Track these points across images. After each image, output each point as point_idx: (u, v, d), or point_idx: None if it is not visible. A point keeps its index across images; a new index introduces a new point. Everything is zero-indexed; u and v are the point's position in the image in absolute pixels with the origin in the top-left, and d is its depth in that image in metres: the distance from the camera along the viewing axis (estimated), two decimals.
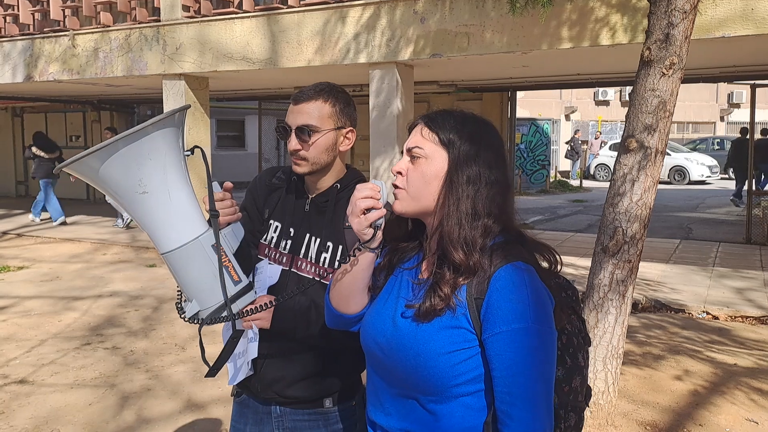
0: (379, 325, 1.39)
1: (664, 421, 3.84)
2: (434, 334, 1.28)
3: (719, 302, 6.28)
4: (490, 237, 1.32)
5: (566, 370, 1.36)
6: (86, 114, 15.93)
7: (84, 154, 1.28)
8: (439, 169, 1.33)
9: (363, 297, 1.49)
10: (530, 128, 18.39)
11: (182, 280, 1.45)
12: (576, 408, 1.38)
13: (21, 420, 3.83)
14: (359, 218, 1.36)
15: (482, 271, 1.28)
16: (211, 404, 4.07)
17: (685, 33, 3.33)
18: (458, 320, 1.28)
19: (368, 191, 1.36)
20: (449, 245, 1.30)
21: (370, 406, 1.45)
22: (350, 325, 1.53)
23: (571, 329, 1.40)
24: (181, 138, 1.44)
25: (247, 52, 7.65)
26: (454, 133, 1.34)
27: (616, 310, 3.59)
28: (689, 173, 20.99)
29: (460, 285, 1.29)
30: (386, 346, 1.35)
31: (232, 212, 1.68)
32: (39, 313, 6.23)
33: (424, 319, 1.30)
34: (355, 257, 1.44)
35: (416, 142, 1.36)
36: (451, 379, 1.27)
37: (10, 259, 8.91)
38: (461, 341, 1.27)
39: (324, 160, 1.79)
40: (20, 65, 9.27)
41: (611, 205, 3.56)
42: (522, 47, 6.26)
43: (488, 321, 1.25)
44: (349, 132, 1.83)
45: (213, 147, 14.88)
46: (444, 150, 1.33)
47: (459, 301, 1.29)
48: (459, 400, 1.29)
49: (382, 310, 1.41)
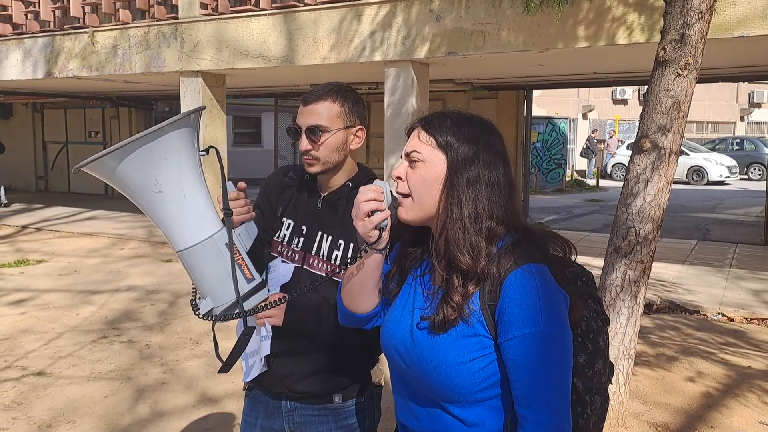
0: (398, 335, 1.39)
1: (676, 423, 3.82)
2: (452, 344, 1.28)
3: (735, 304, 6.23)
4: (496, 240, 1.30)
5: (588, 356, 1.36)
6: (105, 110, 16.09)
7: (102, 154, 1.30)
8: (438, 172, 1.31)
9: (373, 297, 1.50)
10: (547, 127, 18.30)
11: (196, 277, 1.48)
12: (600, 390, 1.39)
13: (38, 411, 3.91)
14: (364, 221, 1.36)
15: (493, 276, 1.27)
16: (224, 398, 4.12)
17: (700, 33, 3.31)
18: (474, 328, 1.28)
19: (371, 193, 1.35)
20: (455, 250, 1.28)
21: (399, 410, 1.46)
22: (362, 324, 1.55)
23: (590, 314, 1.39)
24: (196, 138, 1.46)
25: (263, 49, 7.69)
26: (451, 135, 1.32)
27: (628, 310, 3.58)
28: (708, 173, 20.75)
29: (472, 293, 1.29)
30: (407, 356, 1.36)
31: (246, 211, 1.70)
32: (57, 306, 6.32)
33: (440, 330, 1.29)
34: (362, 259, 1.44)
35: (414, 146, 1.35)
36: (473, 386, 1.28)
37: (30, 252, 9.04)
38: (479, 348, 1.28)
39: (335, 159, 1.81)
40: (41, 61, 9.39)
41: (624, 206, 3.55)
42: (538, 46, 6.24)
43: (502, 326, 1.25)
44: (358, 130, 1.84)
45: (229, 144, 14.98)
46: (442, 153, 1.32)
47: (472, 310, 1.28)
48: (483, 404, 1.30)
49: (400, 319, 1.41)
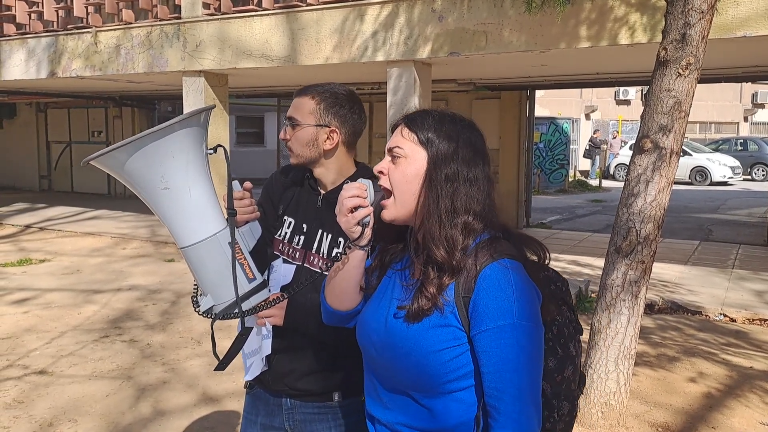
0: (373, 324, 1.43)
1: (677, 423, 3.82)
2: (424, 333, 1.31)
3: (737, 304, 6.22)
4: (473, 235, 1.33)
5: (558, 360, 1.39)
6: (108, 110, 16.11)
7: (112, 148, 1.32)
8: (419, 168, 1.35)
9: (356, 294, 1.52)
10: (549, 127, 18.27)
11: (198, 274, 1.49)
12: (569, 396, 1.41)
13: (40, 410, 3.92)
14: (346, 217, 1.40)
15: (468, 269, 1.30)
16: (225, 397, 4.13)
17: (702, 33, 3.31)
18: (447, 319, 1.31)
19: (355, 190, 1.39)
20: (431, 243, 1.32)
21: (369, 400, 1.49)
22: (345, 322, 1.57)
23: (562, 320, 1.42)
24: (204, 137, 1.47)
25: (266, 49, 7.70)
26: (432, 132, 1.36)
27: (628, 310, 3.58)
28: (711, 174, 20.72)
29: (446, 285, 1.31)
30: (379, 345, 1.39)
31: (251, 211, 1.71)
32: (59, 305, 6.34)
33: (414, 319, 1.32)
34: (346, 255, 1.47)
35: (396, 142, 1.39)
36: (442, 376, 1.31)
37: (33, 252, 9.06)
38: (451, 339, 1.30)
39: (307, 155, 1.84)
40: (44, 61, 9.41)
41: (625, 206, 3.55)
42: (540, 46, 6.23)
43: (475, 318, 1.28)
44: (332, 132, 1.83)
45: (232, 144, 15.01)
46: (423, 149, 1.36)
47: (446, 301, 1.31)
48: (451, 395, 1.32)
49: (377, 310, 1.44)
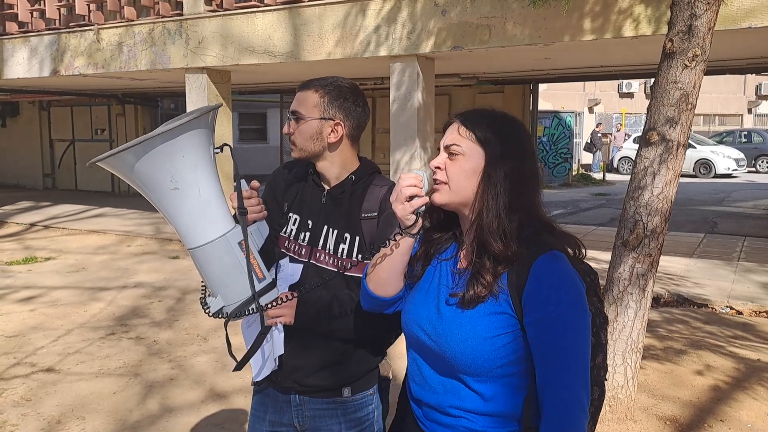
0: (424, 312, 1.48)
1: (685, 416, 3.81)
2: (479, 320, 1.38)
3: (743, 297, 6.20)
4: (524, 228, 1.41)
5: (591, 348, 1.44)
6: (111, 107, 16.13)
7: (121, 149, 1.29)
8: (476, 164, 1.42)
9: (399, 281, 1.57)
10: (553, 121, 18.22)
11: (208, 275, 1.47)
12: (599, 382, 1.50)
13: (47, 407, 3.93)
14: (404, 204, 1.45)
15: (520, 260, 1.37)
16: (233, 394, 4.13)
17: (708, 24, 3.29)
18: (501, 306, 1.38)
19: (412, 180, 1.45)
20: (489, 236, 1.39)
21: (415, 385, 1.53)
22: (385, 308, 1.62)
23: (594, 311, 1.48)
24: (212, 136, 1.46)
25: (268, 45, 7.69)
26: (489, 131, 1.43)
27: (635, 304, 3.57)
28: (715, 166, 20.65)
29: (501, 273, 1.39)
30: (433, 332, 1.45)
31: (259, 210, 1.71)
32: (65, 303, 6.35)
33: (468, 306, 1.40)
34: (396, 242, 1.52)
35: (454, 139, 1.45)
36: (495, 361, 1.37)
37: (38, 250, 9.08)
38: (504, 325, 1.37)
39: (311, 148, 1.82)
40: (47, 59, 9.42)
41: (632, 199, 3.54)
42: (544, 39, 6.21)
43: (528, 307, 1.35)
44: (336, 125, 1.82)
45: (235, 140, 14.97)
46: (481, 147, 1.43)
47: (501, 288, 1.38)
48: (502, 379, 1.39)
49: (426, 298, 1.50)
